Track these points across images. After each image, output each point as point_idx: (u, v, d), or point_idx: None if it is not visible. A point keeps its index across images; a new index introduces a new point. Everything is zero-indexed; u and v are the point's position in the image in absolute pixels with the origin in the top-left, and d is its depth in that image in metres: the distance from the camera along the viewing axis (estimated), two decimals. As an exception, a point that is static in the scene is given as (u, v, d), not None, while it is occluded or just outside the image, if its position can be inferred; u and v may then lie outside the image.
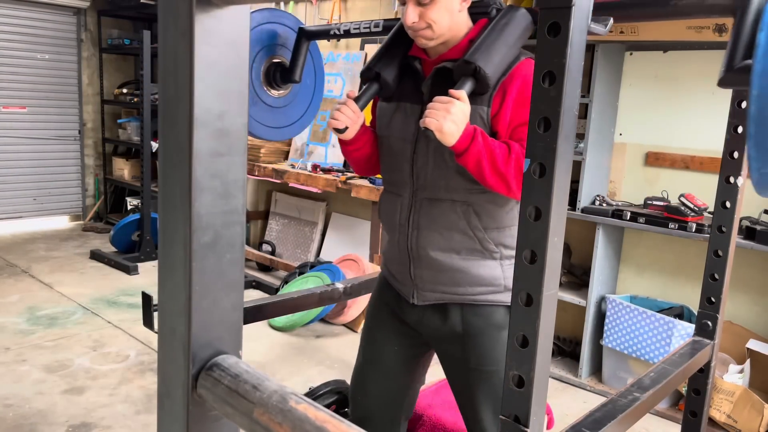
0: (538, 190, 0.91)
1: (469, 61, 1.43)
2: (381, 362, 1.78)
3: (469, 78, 1.44)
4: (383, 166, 1.73)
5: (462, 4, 1.52)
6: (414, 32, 1.52)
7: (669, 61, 3.11)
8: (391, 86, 1.63)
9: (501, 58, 1.45)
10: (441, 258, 1.59)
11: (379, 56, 1.66)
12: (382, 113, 1.68)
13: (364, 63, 4.48)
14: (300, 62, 2.10)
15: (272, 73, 2.11)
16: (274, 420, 0.66)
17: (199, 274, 0.71)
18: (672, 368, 1.63)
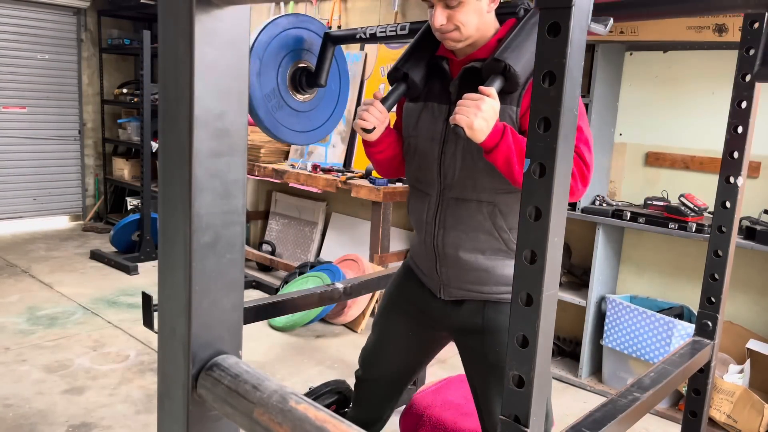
0: (538, 190, 0.91)
1: (499, 59, 1.44)
2: (394, 343, 1.85)
3: (499, 76, 1.45)
4: (410, 167, 1.73)
5: (490, 5, 1.52)
6: (442, 34, 1.53)
7: (669, 61, 3.11)
8: (418, 86, 1.64)
9: (530, 57, 1.44)
10: (466, 257, 1.61)
11: (407, 57, 1.66)
12: (409, 114, 1.69)
13: (363, 63, 4.48)
14: (326, 66, 2.12)
15: (298, 77, 2.14)
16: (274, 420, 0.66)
17: (199, 274, 0.71)
18: (672, 368, 1.63)
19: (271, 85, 2.08)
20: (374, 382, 1.94)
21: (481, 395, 1.69)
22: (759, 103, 1.78)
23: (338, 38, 2.11)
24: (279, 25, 2.07)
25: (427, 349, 1.89)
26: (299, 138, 2.26)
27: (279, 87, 2.11)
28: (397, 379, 1.92)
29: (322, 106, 2.28)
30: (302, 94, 2.18)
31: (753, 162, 2.83)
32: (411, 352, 1.87)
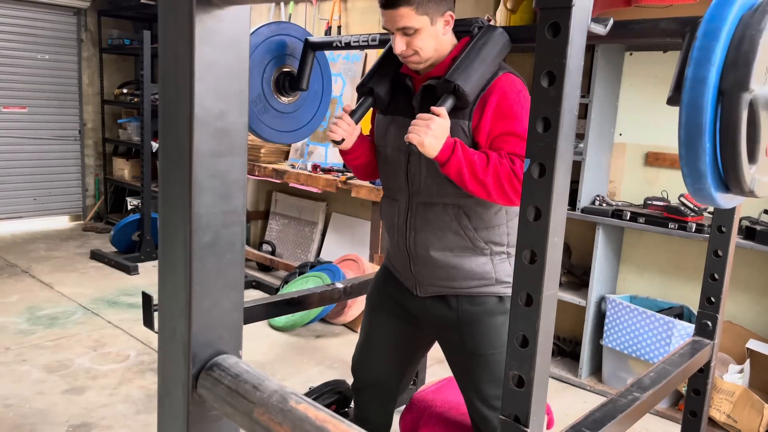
0: (538, 190, 0.91)
1: (449, 80, 1.58)
2: (382, 341, 1.96)
3: (450, 95, 1.58)
4: (382, 174, 1.89)
5: (445, 28, 1.67)
6: (403, 58, 1.68)
7: (669, 61, 3.11)
8: (383, 100, 1.79)
9: (479, 76, 1.59)
10: (436, 256, 1.74)
11: (373, 73, 1.81)
12: (379, 125, 1.84)
13: (363, 63, 4.48)
14: (306, 71, 2.24)
15: (282, 81, 2.25)
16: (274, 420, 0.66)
17: (200, 274, 0.71)
18: (672, 368, 1.63)
19: (257, 90, 2.18)
20: (370, 387, 2.00)
21: (467, 381, 1.81)
22: (759, 103, 1.78)
23: (317, 45, 2.23)
24: (261, 35, 2.18)
25: (413, 347, 1.98)
26: (284, 137, 2.38)
27: (264, 91, 2.22)
28: (390, 381, 2.00)
29: (306, 107, 2.39)
30: (286, 97, 2.27)
31: (753, 162, 2.83)
32: (399, 352, 1.96)
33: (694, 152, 1.12)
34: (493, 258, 1.73)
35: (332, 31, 4.64)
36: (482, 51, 1.62)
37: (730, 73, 1.08)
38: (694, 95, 1.10)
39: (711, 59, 1.08)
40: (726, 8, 1.09)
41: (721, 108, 1.11)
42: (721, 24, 1.08)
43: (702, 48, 1.09)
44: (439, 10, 1.63)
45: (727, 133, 1.11)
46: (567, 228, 0.97)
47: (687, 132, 1.11)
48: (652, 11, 2.86)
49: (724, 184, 1.18)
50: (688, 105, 1.11)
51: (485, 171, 1.54)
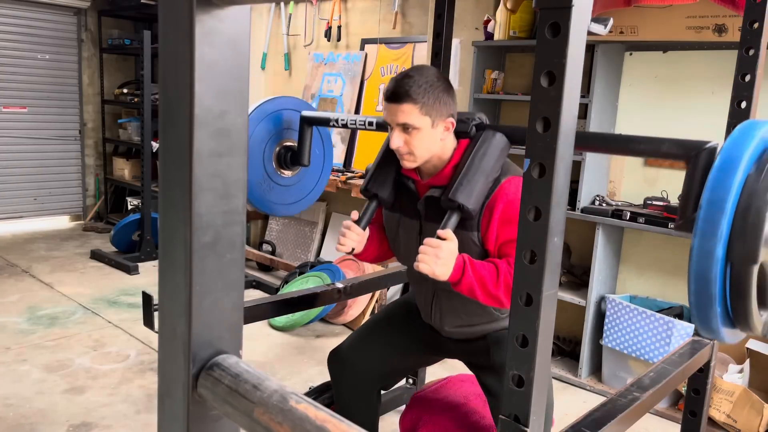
0: (538, 190, 0.91)
1: (453, 200, 1.60)
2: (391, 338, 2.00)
3: (455, 212, 1.61)
4: (400, 261, 1.97)
5: (445, 132, 1.67)
6: (399, 155, 1.68)
7: (669, 61, 3.11)
8: (388, 201, 1.82)
9: (481, 189, 1.61)
10: (460, 330, 1.86)
11: (373, 175, 1.84)
12: (389, 221, 1.89)
13: (363, 63, 4.48)
14: (306, 147, 2.25)
15: (283, 156, 2.27)
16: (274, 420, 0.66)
17: (200, 274, 0.71)
18: (672, 368, 1.63)
19: (260, 172, 2.21)
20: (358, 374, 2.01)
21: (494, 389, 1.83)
22: (759, 103, 1.78)
23: (314, 121, 2.24)
24: (253, 121, 2.19)
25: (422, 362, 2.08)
26: (292, 208, 2.43)
27: (267, 171, 2.24)
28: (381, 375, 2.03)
29: (310, 173, 2.41)
30: (289, 170, 2.28)
31: (753, 162, 2.83)
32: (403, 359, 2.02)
33: (705, 315, 1.11)
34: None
35: (332, 31, 4.64)
36: (483, 161, 1.62)
37: (738, 246, 1.05)
38: (701, 267, 1.07)
39: (717, 233, 1.06)
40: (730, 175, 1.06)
41: (730, 276, 1.08)
42: (726, 194, 1.05)
43: (707, 220, 1.07)
44: (442, 115, 1.63)
45: (737, 298, 1.09)
46: (567, 228, 0.97)
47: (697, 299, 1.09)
48: (652, 11, 2.86)
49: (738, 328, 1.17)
50: (696, 276, 1.08)
51: (496, 285, 1.56)
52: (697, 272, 1.07)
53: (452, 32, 2.36)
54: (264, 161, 2.19)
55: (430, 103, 1.60)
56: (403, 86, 1.59)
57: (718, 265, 1.06)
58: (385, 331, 2.02)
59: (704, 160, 1.28)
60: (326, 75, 4.72)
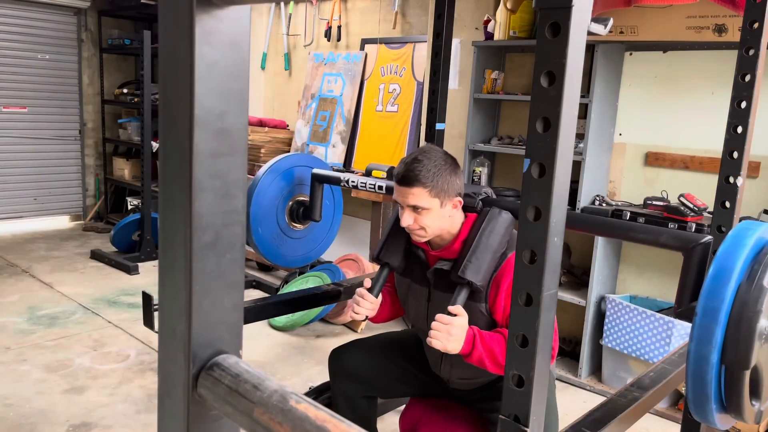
0: (538, 190, 0.91)
1: (462, 277, 1.67)
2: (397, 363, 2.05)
3: (464, 288, 1.69)
4: (410, 324, 2.05)
5: (453, 210, 1.76)
6: (409, 230, 1.77)
7: (669, 61, 3.11)
8: (399, 268, 1.90)
9: (489, 265, 1.70)
10: (469, 381, 1.92)
11: (384, 244, 1.93)
12: (400, 284, 1.97)
13: (363, 63, 4.48)
14: (318, 204, 2.33)
15: (295, 211, 2.35)
16: (274, 420, 0.66)
17: (200, 274, 0.71)
18: (671, 368, 1.63)
19: (274, 228, 2.27)
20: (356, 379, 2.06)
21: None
22: (759, 103, 1.78)
23: (324, 179, 2.31)
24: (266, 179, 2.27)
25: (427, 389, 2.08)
26: (301, 261, 2.50)
27: (281, 227, 2.33)
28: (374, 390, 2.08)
29: (320, 226, 2.48)
30: (300, 224, 2.31)
31: (752, 162, 2.83)
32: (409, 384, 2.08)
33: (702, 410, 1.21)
34: None
35: (332, 31, 4.64)
36: (490, 239, 1.71)
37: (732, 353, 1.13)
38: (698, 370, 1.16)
39: (712, 340, 1.13)
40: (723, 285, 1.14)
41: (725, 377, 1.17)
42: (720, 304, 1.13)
43: (703, 327, 1.15)
44: (450, 195, 1.72)
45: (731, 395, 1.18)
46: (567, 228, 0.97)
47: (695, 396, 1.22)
48: (652, 11, 2.86)
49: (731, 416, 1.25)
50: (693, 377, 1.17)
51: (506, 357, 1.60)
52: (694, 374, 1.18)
53: (452, 32, 2.36)
54: (277, 216, 2.26)
55: (438, 186, 1.69)
56: (413, 170, 1.68)
57: (713, 369, 1.15)
58: (393, 351, 2.07)
59: (699, 254, 1.40)
60: (326, 75, 4.72)
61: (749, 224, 1.24)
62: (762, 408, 1.24)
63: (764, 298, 1.13)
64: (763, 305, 1.12)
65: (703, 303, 1.15)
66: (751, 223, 1.25)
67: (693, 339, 1.16)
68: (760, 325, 1.12)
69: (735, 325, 1.12)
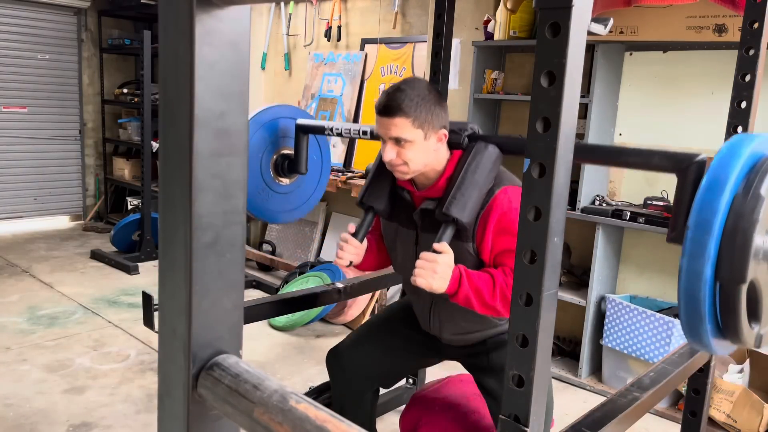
0: (538, 190, 0.91)
1: (447, 213, 1.61)
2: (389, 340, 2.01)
3: (450, 225, 1.62)
4: (397, 271, 1.99)
5: (437, 144, 1.67)
6: (392, 167, 1.68)
7: (669, 61, 3.11)
8: (385, 212, 1.83)
9: (475, 201, 1.62)
10: (460, 337, 1.87)
11: (368, 188, 1.85)
12: (387, 230, 1.90)
13: (363, 63, 4.48)
14: (303, 155, 2.25)
15: (280, 165, 2.26)
16: (274, 419, 0.66)
17: (200, 274, 0.71)
18: (672, 368, 1.63)
19: (258, 182, 2.20)
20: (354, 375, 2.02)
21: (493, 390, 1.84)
22: (759, 103, 1.78)
23: (309, 129, 2.23)
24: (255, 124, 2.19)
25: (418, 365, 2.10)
26: (291, 215, 2.42)
27: (265, 181, 2.24)
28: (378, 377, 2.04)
29: (308, 179, 2.41)
30: (286, 178, 2.27)
31: (753, 162, 2.83)
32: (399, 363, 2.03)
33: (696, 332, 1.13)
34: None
35: (332, 31, 4.64)
36: (476, 174, 1.63)
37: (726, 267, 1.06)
38: (690, 287, 1.10)
39: (705, 253, 1.07)
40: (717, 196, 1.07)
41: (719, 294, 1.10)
42: (713, 216, 1.06)
43: (695, 240, 1.08)
44: (434, 127, 1.64)
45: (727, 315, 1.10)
46: (567, 228, 0.97)
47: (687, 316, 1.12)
48: (652, 11, 2.86)
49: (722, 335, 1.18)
50: (686, 295, 1.12)
51: (493, 296, 1.57)
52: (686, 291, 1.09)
53: (452, 32, 2.36)
54: (262, 170, 2.20)
55: (422, 116, 1.60)
56: (395, 100, 1.60)
57: (706, 285, 1.08)
58: (384, 332, 2.03)
59: (694, 174, 1.29)
60: (326, 75, 4.72)
61: (744, 136, 1.17)
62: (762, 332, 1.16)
63: (761, 209, 1.04)
64: (759, 215, 1.04)
65: (695, 216, 1.08)
66: (746, 135, 1.17)
67: (685, 254, 1.09)
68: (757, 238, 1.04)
69: (729, 237, 1.05)
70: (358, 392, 2.03)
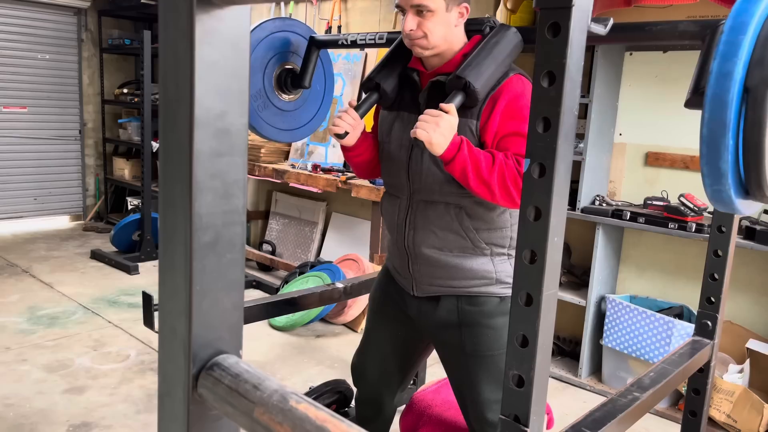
0: (538, 190, 0.91)
1: (460, 77, 1.54)
2: (381, 344, 1.95)
3: (460, 92, 1.55)
4: (383, 170, 1.85)
5: (459, 19, 1.63)
6: (411, 41, 1.62)
7: (669, 61, 3.11)
8: (389, 96, 1.75)
9: (490, 74, 1.55)
10: (436, 255, 1.70)
11: (380, 68, 1.78)
12: (383, 121, 1.80)
13: (364, 63, 4.47)
14: (310, 69, 2.20)
15: (284, 78, 2.21)
16: (274, 420, 0.66)
17: (200, 274, 0.71)
18: (672, 368, 1.63)
19: (258, 86, 2.15)
20: (368, 387, 2.01)
21: (465, 384, 1.76)
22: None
23: (322, 42, 2.19)
24: (265, 29, 2.14)
25: (411, 351, 1.97)
26: (283, 136, 2.35)
27: (265, 87, 2.18)
28: (387, 383, 1.99)
29: (307, 106, 2.36)
30: (288, 94, 2.24)
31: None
32: (397, 355, 1.96)
33: (716, 150, 1.08)
34: (493, 258, 1.69)
35: (332, 31, 4.64)
36: (494, 49, 1.58)
37: (757, 70, 1.03)
38: (718, 90, 1.05)
39: (738, 53, 1.03)
40: (754, 3, 1.05)
41: (746, 105, 1.06)
42: (749, 19, 1.04)
43: (728, 42, 1.05)
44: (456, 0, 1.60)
45: (752, 131, 1.06)
46: (567, 228, 0.97)
47: (710, 128, 1.07)
48: (651, 11, 2.87)
49: (744, 189, 1.14)
50: (712, 100, 1.05)
51: (490, 171, 1.50)
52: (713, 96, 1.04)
53: (452, 32, 2.35)
54: (264, 78, 2.14)
55: None
56: None
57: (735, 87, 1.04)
58: (375, 329, 1.97)
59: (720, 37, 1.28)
60: (326, 75, 4.72)
61: None
62: None
63: None
64: None
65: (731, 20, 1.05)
66: None
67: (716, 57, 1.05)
68: None
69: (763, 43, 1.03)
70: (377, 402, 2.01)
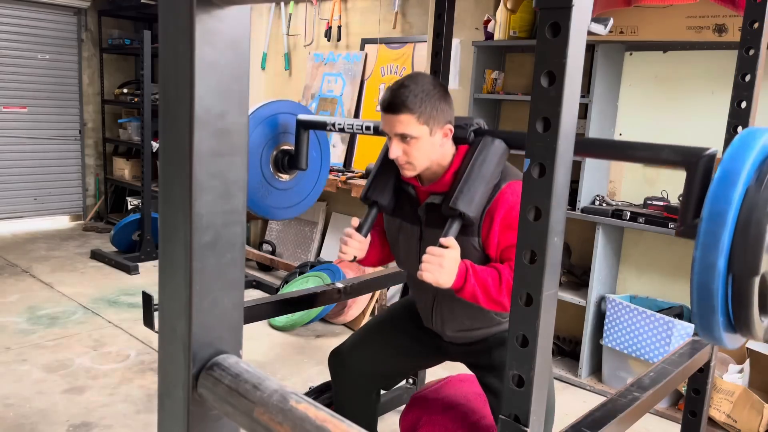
0: (538, 190, 0.91)
1: (454, 207, 1.60)
2: (392, 339, 2.00)
3: (456, 219, 1.61)
4: (400, 266, 1.98)
5: (443, 139, 1.67)
6: (398, 164, 1.68)
7: (669, 61, 3.11)
8: (389, 207, 1.82)
9: (481, 195, 1.62)
10: (462, 334, 1.86)
11: (373, 183, 1.84)
12: (389, 225, 1.89)
13: (363, 63, 4.48)
14: (303, 151, 2.24)
15: (280, 160, 2.25)
16: (274, 419, 0.66)
17: (200, 274, 0.71)
18: (672, 368, 1.63)
19: (257, 177, 2.17)
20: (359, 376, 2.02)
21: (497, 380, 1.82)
22: (759, 103, 1.78)
23: (310, 124, 2.22)
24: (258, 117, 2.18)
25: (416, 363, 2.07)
26: (289, 212, 2.41)
27: (265, 176, 2.23)
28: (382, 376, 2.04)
29: (307, 177, 2.40)
30: (286, 174, 2.26)
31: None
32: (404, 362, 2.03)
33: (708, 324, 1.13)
34: None
35: (332, 31, 4.64)
36: (482, 168, 1.63)
37: (739, 259, 1.06)
38: (703, 279, 1.09)
39: (718, 245, 1.07)
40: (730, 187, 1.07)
41: (732, 287, 1.10)
42: (727, 207, 1.06)
43: (708, 232, 1.08)
44: (440, 123, 1.63)
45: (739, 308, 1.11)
46: (567, 228, 0.97)
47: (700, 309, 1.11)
48: (652, 11, 2.86)
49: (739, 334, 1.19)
50: (698, 287, 1.10)
51: (499, 291, 1.56)
52: (699, 283, 1.09)
53: (452, 32, 2.36)
54: (261, 165, 2.19)
55: (427, 112, 1.60)
56: (400, 96, 1.59)
57: (720, 277, 1.07)
58: (386, 332, 2.03)
59: (703, 167, 1.29)
60: (326, 75, 4.72)
61: (756, 129, 1.18)
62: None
63: None
64: None
65: (708, 207, 1.08)
66: (758, 128, 1.18)
67: (698, 246, 1.08)
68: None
69: (743, 229, 1.05)
70: (361, 393, 2.03)
